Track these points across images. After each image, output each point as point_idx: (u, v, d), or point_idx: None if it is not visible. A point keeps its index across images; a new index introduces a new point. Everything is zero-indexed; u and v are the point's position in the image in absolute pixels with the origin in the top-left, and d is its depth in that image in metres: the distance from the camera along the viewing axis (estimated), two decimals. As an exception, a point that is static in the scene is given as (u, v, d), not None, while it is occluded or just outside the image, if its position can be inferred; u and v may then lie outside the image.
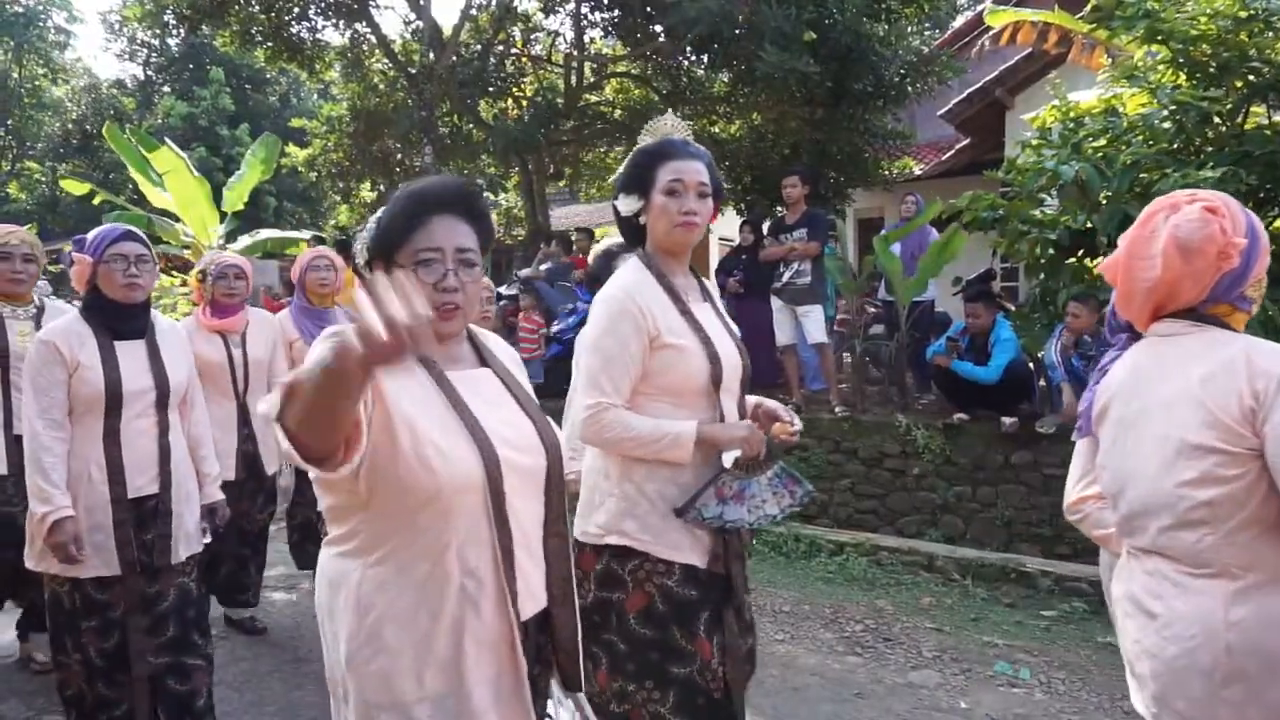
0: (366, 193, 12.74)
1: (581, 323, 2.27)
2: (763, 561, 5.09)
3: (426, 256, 1.43)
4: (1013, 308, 6.37)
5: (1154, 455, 1.49)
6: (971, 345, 5.60)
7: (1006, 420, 5.39)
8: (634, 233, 2.05)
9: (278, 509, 4.15)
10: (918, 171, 11.18)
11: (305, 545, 4.08)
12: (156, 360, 2.53)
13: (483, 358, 1.59)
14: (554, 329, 7.24)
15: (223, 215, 12.45)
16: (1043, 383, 5.55)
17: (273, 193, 21.83)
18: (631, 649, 1.93)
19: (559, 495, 1.54)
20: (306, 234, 14.07)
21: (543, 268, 8.74)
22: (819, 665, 3.68)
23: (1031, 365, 5.71)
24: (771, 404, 2.11)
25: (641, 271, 1.98)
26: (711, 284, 2.19)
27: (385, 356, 1.00)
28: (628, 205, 2.00)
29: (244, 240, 13.07)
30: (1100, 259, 5.84)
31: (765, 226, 7.23)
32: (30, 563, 2.49)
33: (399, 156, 11.61)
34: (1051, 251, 5.63)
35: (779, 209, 7.82)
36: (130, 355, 2.49)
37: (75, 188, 14.17)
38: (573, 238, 9.20)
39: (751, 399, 2.14)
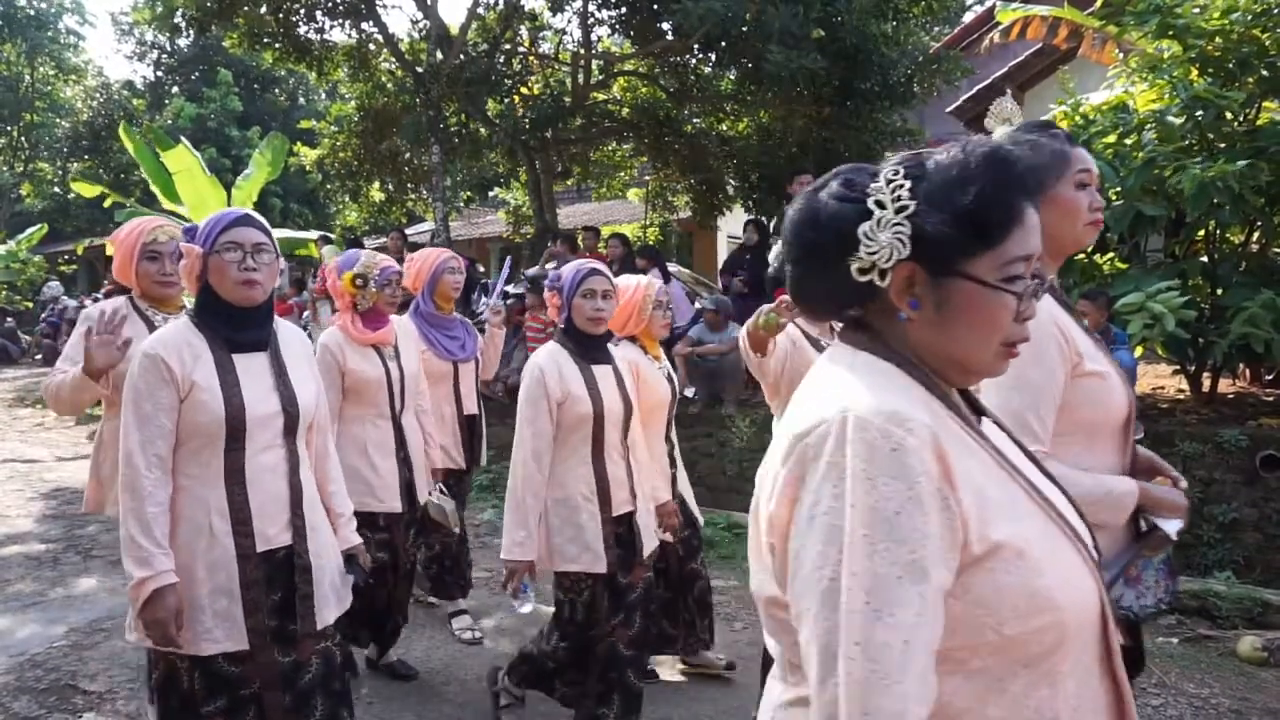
0: (375, 192, 12.79)
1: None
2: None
3: (1018, 270, 0.93)
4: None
5: None
6: (981, 343, 5.54)
7: (1017, 418, 5.34)
8: None
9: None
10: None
11: (444, 577, 3.86)
12: (283, 377, 2.05)
13: (975, 405, 1.09)
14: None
15: (232, 215, 12.52)
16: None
17: (279, 194, 21.95)
18: None
19: None
20: (314, 234, 14.17)
21: (549, 266, 8.75)
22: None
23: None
24: (1147, 454, 1.69)
25: None
26: None
27: None
28: None
29: (253, 240, 13.15)
30: (1110, 255, 5.81)
31: (772, 225, 7.20)
32: (128, 635, 2.01)
33: (407, 155, 11.67)
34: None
35: (787, 207, 7.79)
36: (252, 372, 2.01)
37: (86, 190, 14.31)
38: (579, 236, 9.19)
39: None
